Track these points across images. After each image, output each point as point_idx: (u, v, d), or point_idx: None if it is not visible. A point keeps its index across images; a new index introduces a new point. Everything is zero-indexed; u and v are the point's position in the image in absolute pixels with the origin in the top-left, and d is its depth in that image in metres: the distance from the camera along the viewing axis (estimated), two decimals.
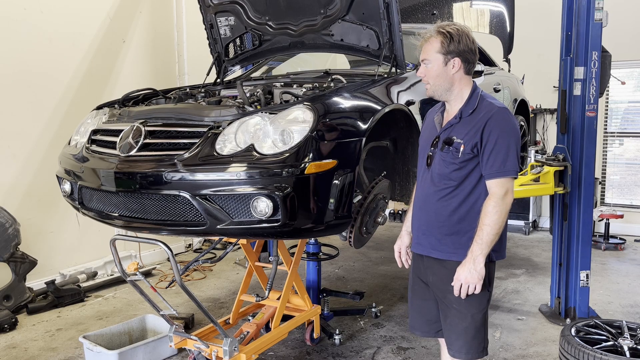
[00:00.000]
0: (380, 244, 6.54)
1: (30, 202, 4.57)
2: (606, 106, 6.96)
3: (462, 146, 2.11)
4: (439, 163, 2.20)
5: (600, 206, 6.90)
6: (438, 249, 2.23)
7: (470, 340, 2.19)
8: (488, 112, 2.11)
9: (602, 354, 2.74)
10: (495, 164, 2.08)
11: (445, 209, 2.19)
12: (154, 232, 2.64)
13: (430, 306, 2.34)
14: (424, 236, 2.28)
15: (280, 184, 2.26)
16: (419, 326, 2.42)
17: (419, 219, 2.31)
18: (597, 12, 3.80)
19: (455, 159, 2.13)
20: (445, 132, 2.20)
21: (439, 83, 2.17)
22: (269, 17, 3.45)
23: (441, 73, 2.15)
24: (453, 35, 2.10)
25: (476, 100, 2.16)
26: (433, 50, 2.13)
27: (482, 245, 2.06)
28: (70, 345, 3.70)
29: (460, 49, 2.11)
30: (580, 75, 3.92)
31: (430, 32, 2.15)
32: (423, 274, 2.33)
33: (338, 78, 3.17)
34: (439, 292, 2.25)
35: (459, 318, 2.19)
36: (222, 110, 2.53)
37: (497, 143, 2.07)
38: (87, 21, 4.99)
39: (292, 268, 3.31)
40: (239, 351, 2.86)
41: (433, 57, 2.14)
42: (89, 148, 2.87)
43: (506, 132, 2.09)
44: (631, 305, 4.44)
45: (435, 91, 2.20)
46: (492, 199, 2.08)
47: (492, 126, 2.08)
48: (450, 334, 2.24)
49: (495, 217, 2.06)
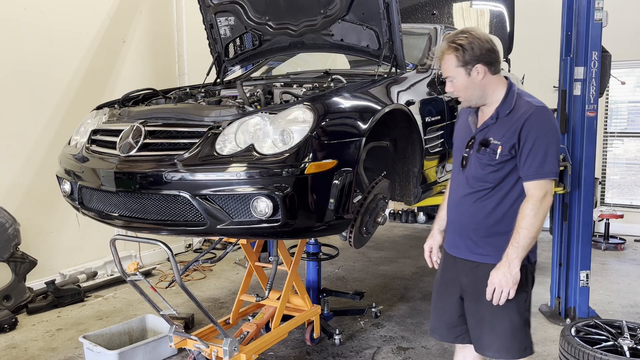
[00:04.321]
0: (380, 244, 6.54)
1: (30, 202, 4.57)
2: (606, 106, 6.95)
3: (500, 147, 2.05)
4: (474, 165, 2.14)
5: (600, 206, 6.90)
6: (474, 251, 2.18)
7: (509, 341, 2.13)
8: (526, 111, 2.04)
9: (602, 354, 2.74)
10: (533, 165, 2.01)
11: (481, 211, 2.13)
12: (154, 232, 2.64)
13: (452, 310, 2.29)
14: (460, 238, 2.22)
15: (280, 184, 2.26)
16: (438, 330, 2.37)
17: (454, 220, 2.26)
18: (597, 12, 3.80)
19: (492, 160, 2.07)
20: (481, 133, 2.14)
21: (470, 93, 2.12)
22: (269, 17, 3.45)
23: (468, 84, 2.10)
24: (464, 45, 2.04)
25: (513, 99, 2.09)
26: (452, 66, 2.09)
27: (518, 249, 2.00)
28: (70, 345, 3.70)
29: (476, 54, 2.05)
30: (580, 75, 3.92)
31: (442, 49, 2.11)
32: (454, 276, 2.27)
33: (338, 78, 3.17)
34: (473, 294, 2.19)
35: (496, 320, 2.13)
36: (222, 110, 2.53)
37: (536, 143, 2.00)
38: (87, 21, 4.99)
39: (292, 268, 3.31)
40: (239, 351, 2.86)
41: (454, 73, 2.10)
42: (89, 148, 2.87)
43: (545, 132, 2.02)
44: (631, 305, 4.44)
45: (470, 101, 2.15)
46: (530, 201, 2.02)
47: (531, 126, 2.01)
48: (487, 335, 2.17)
49: (532, 221, 1.99)
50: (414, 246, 6.46)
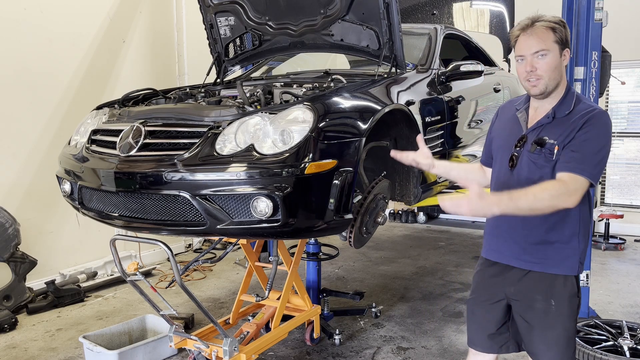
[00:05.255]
0: (380, 244, 6.54)
1: (30, 202, 4.57)
2: (606, 106, 6.95)
3: (557, 147, 1.91)
4: (527, 165, 1.99)
5: (600, 206, 6.90)
6: (521, 258, 2.05)
7: (563, 351, 2.03)
8: (587, 113, 1.91)
9: (602, 354, 2.75)
10: (573, 158, 1.86)
11: (535, 216, 1.95)
12: (154, 232, 2.64)
13: (493, 318, 2.17)
14: (506, 244, 2.10)
15: (280, 184, 2.26)
16: (479, 341, 2.23)
17: (498, 225, 2.12)
18: (597, 12, 3.80)
19: (549, 161, 1.92)
20: (534, 132, 2.00)
21: (554, 77, 1.94)
22: (269, 17, 3.45)
23: (558, 65, 1.93)
24: (561, 25, 1.91)
25: (572, 100, 1.97)
26: (549, 39, 1.91)
27: (507, 202, 1.77)
28: (70, 345, 3.70)
29: (569, 39, 1.92)
30: (580, 75, 3.91)
31: (533, 22, 1.95)
32: (498, 283, 2.14)
33: (338, 78, 3.17)
34: (520, 303, 2.09)
35: (548, 329, 2.04)
36: (222, 110, 2.53)
37: (587, 140, 1.86)
38: (87, 21, 4.99)
39: (292, 268, 3.31)
40: (239, 351, 2.86)
41: (552, 47, 1.91)
42: (89, 148, 2.87)
43: (599, 136, 1.89)
44: (631, 305, 4.44)
45: (548, 86, 1.95)
46: (558, 183, 1.83)
47: (589, 127, 1.88)
48: (538, 345, 2.06)
49: (544, 195, 1.78)
50: (413, 246, 6.47)
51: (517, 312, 2.12)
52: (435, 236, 7.03)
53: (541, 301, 2.03)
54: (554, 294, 2.02)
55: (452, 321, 4.05)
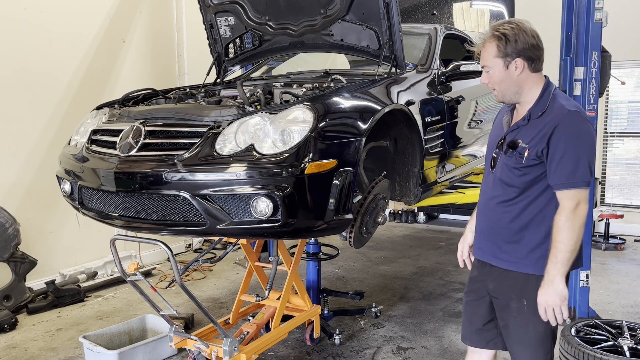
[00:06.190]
0: (380, 244, 6.54)
1: (30, 202, 4.57)
2: (606, 106, 6.96)
3: (527, 151, 1.96)
4: (501, 167, 2.07)
5: (600, 206, 6.90)
6: (498, 256, 2.11)
7: (533, 351, 2.09)
8: (557, 115, 1.94)
9: (602, 354, 2.74)
10: (563, 173, 1.90)
11: (506, 215, 2.06)
12: (154, 232, 2.64)
13: (480, 313, 2.24)
14: (486, 242, 2.17)
15: (280, 184, 2.26)
16: (468, 335, 2.32)
17: (480, 223, 2.21)
18: (597, 12, 3.80)
19: (519, 164, 1.99)
20: (511, 134, 2.06)
21: (505, 87, 2.03)
22: (269, 17, 3.45)
23: (504, 77, 2.01)
24: (508, 35, 1.95)
25: (547, 100, 1.99)
26: (490, 55, 2.00)
27: (558, 265, 1.90)
28: (70, 345, 3.70)
29: (519, 48, 1.95)
30: (580, 75, 3.91)
31: (485, 36, 2.02)
32: (482, 280, 2.22)
33: (338, 78, 3.17)
34: (499, 301, 2.14)
35: (522, 328, 2.09)
36: (222, 110, 2.53)
37: (567, 152, 1.89)
38: (87, 21, 4.99)
39: (292, 268, 3.31)
40: (239, 351, 2.85)
41: (492, 63, 2.01)
42: (89, 148, 2.87)
43: (576, 139, 1.90)
44: (631, 305, 4.44)
45: (503, 96, 2.06)
46: (563, 213, 1.90)
47: (561, 133, 1.90)
48: (513, 343, 2.14)
49: (568, 233, 1.88)
50: (413, 246, 6.47)
51: (497, 310, 2.18)
52: (435, 236, 7.03)
53: (515, 300, 2.08)
54: (526, 293, 2.05)
55: (452, 321, 4.05)
